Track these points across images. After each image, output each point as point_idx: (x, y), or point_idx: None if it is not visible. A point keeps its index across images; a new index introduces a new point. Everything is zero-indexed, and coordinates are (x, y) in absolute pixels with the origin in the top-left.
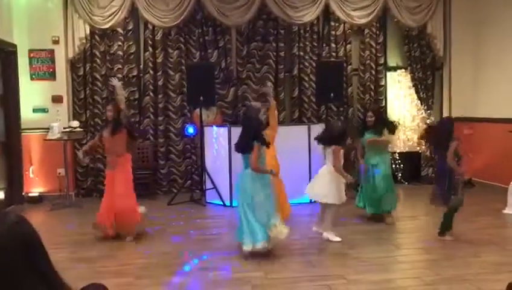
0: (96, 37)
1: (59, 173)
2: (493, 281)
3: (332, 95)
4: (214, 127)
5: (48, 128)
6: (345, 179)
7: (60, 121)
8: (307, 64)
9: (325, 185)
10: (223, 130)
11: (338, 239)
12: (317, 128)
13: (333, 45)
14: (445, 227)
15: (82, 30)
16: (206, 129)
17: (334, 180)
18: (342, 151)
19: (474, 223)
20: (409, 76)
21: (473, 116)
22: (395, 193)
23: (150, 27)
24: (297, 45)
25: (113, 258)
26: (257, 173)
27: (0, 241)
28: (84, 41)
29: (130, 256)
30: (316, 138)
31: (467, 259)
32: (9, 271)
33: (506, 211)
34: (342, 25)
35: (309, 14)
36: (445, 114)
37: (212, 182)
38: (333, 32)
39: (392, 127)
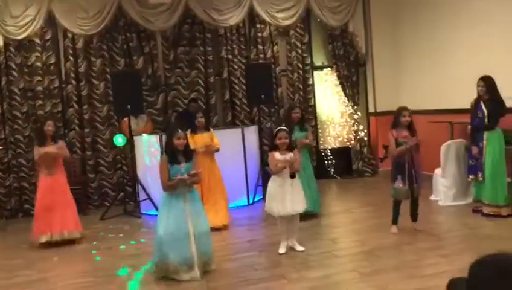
0: (11, 48)
1: None
2: (425, 266)
3: (263, 96)
4: (144, 135)
5: None
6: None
7: None
8: (236, 66)
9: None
10: (155, 138)
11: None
12: (251, 130)
13: (260, 47)
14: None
15: None
16: (137, 138)
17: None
18: (272, 153)
19: (404, 211)
20: (335, 74)
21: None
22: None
23: (70, 36)
24: (225, 48)
25: (43, 282)
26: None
27: None
28: None
29: (61, 278)
30: None
31: (400, 247)
32: None
33: (432, 197)
34: (267, 27)
35: (234, 17)
36: (371, 109)
37: (146, 193)
38: (259, 34)
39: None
